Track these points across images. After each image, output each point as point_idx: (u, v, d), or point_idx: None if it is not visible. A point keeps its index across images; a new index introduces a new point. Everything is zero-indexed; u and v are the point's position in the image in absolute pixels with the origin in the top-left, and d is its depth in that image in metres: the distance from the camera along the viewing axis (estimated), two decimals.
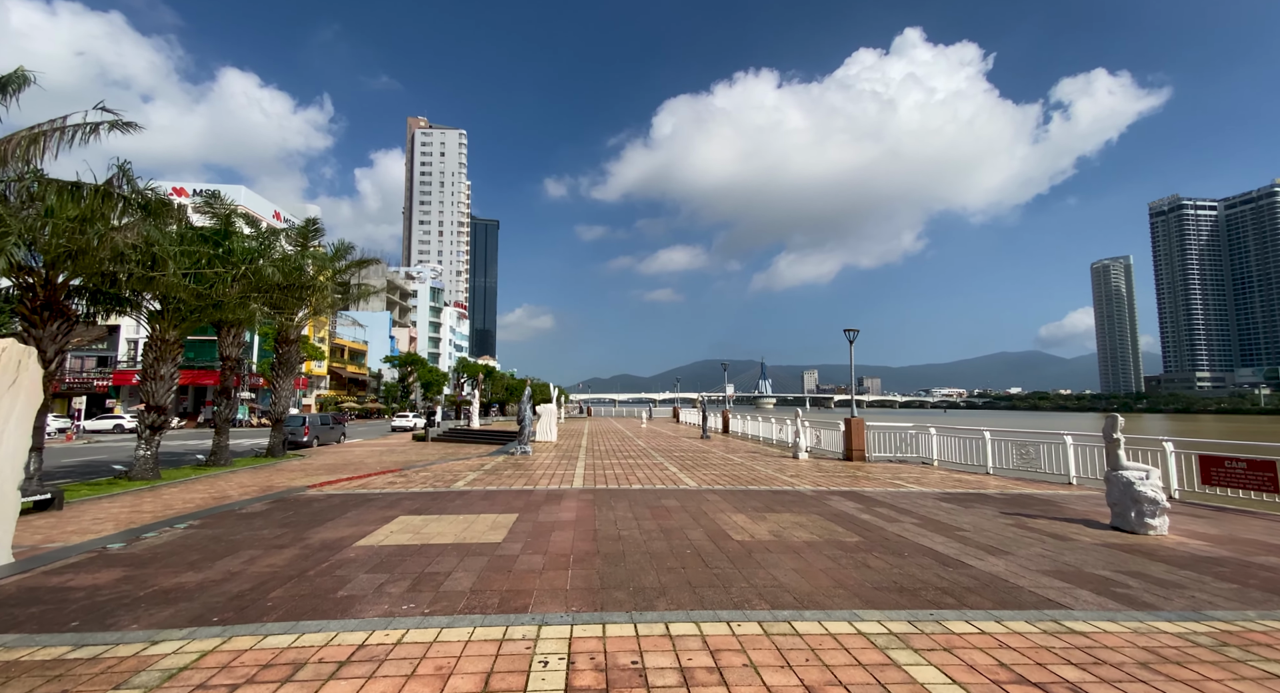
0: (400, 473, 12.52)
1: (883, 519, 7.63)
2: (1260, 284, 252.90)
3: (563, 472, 12.44)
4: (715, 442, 22.56)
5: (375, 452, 22.28)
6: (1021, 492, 10.42)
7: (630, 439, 23.59)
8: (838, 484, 10.88)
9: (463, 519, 7.39)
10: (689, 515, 7.75)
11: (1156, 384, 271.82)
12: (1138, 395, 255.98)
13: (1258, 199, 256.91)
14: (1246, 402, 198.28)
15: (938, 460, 14.73)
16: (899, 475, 12.48)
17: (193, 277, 16.66)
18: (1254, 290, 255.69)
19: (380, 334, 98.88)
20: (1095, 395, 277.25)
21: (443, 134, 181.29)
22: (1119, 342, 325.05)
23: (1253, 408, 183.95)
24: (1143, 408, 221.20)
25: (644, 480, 11.08)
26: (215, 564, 5.41)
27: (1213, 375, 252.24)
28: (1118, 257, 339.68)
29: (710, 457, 16.20)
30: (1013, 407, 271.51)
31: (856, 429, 15.42)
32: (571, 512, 7.95)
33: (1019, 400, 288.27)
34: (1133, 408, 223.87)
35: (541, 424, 21.07)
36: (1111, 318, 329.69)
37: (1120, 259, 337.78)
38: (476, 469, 12.96)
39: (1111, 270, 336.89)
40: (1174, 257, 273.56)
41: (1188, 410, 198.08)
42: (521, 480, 11.00)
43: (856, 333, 15.82)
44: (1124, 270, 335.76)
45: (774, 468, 13.56)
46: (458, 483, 10.70)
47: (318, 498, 9.17)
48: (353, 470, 14.12)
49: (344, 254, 24.26)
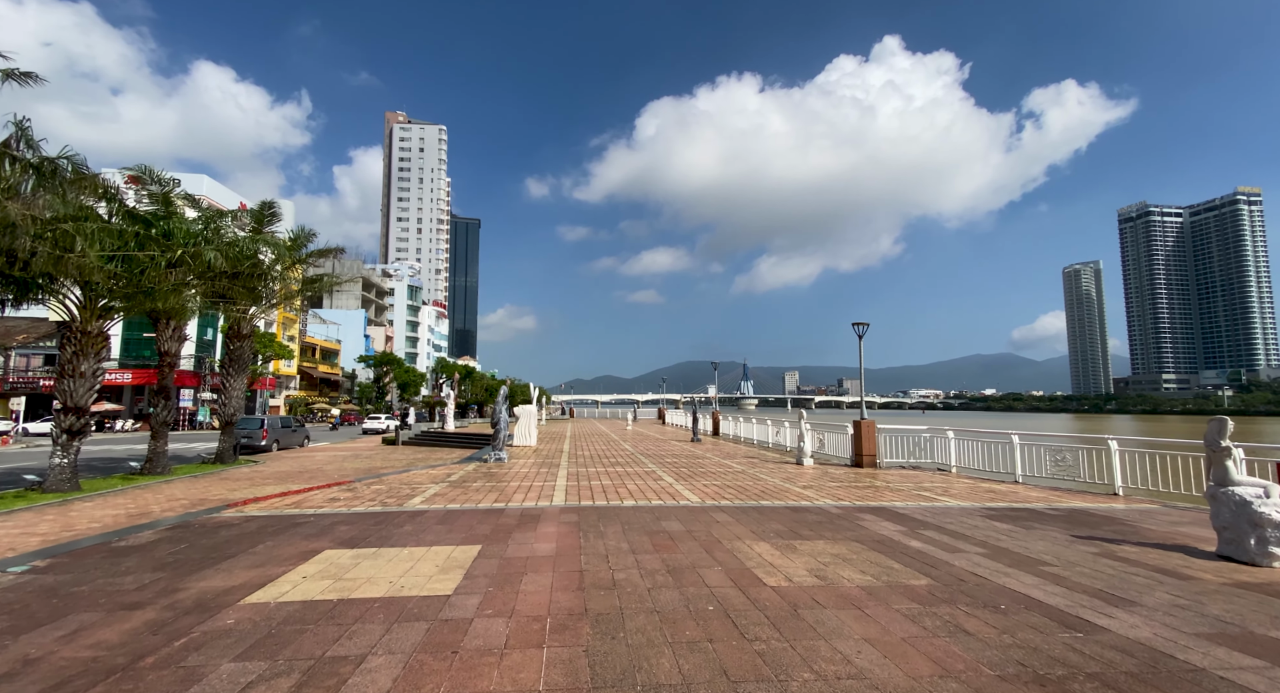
0: (349, 486, 10.67)
1: (940, 548, 6.12)
2: (1223, 289, 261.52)
3: (542, 484, 10.74)
4: (707, 445, 21.03)
5: (337, 457, 20.27)
6: (1073, 506, 9.04)
7: (616, 443, 21.92)
8: (861, 497, 9.38)
9: (407, 555, 5.66)
10: (699, 546, 6.14)
11: (1125, 386, 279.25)
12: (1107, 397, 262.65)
13: (1221, 207, 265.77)
14: (1211, 403, 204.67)
15: (956, 467, 13.38)
16: (922, 485, 11.05)
17: (120, 259, 14.58)
18: (1217, 295, 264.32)
19: (354, 333, 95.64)
20: (1067, 397, 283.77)
21: (422, 129, 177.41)
22: (1089, 344, 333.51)
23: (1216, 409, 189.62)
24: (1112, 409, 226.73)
25: (637, 494, 9.46)
26: (15, 642, 3.63)
27: (1178, 377, 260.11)
28: (1088, 261, 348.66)
29: (706, 463, 14.64)
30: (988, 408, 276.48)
31: (867, 433, 14.00)
32: (550, 541, 6.28)
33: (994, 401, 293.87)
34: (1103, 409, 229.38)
35: (520, 427, 19.29)
36: (1082, 321, 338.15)
37: (1090, 264, 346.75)
38: (441, 480, 11.18)
39: (1082, 275, 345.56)
40: (1141, 262, 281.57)
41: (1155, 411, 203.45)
42: (492, 496, 9.27)
43: (866, 327, 14.42)
44: (1094, 275, 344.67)
45: (780, 477, 12.03)
46: (414, 499, 8.93)
47: (231, 522, 7.32)
48: (305, 480, 12.23)
49: (305, 242, 22.12)
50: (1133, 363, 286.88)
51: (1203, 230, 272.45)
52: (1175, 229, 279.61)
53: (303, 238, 21.94)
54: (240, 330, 20.95)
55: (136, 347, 52.49)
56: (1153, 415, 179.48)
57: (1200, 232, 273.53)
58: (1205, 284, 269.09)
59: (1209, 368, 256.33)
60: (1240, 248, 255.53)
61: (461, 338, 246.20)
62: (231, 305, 19.85)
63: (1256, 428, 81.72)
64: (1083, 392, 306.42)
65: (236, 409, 20.51)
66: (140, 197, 17.09)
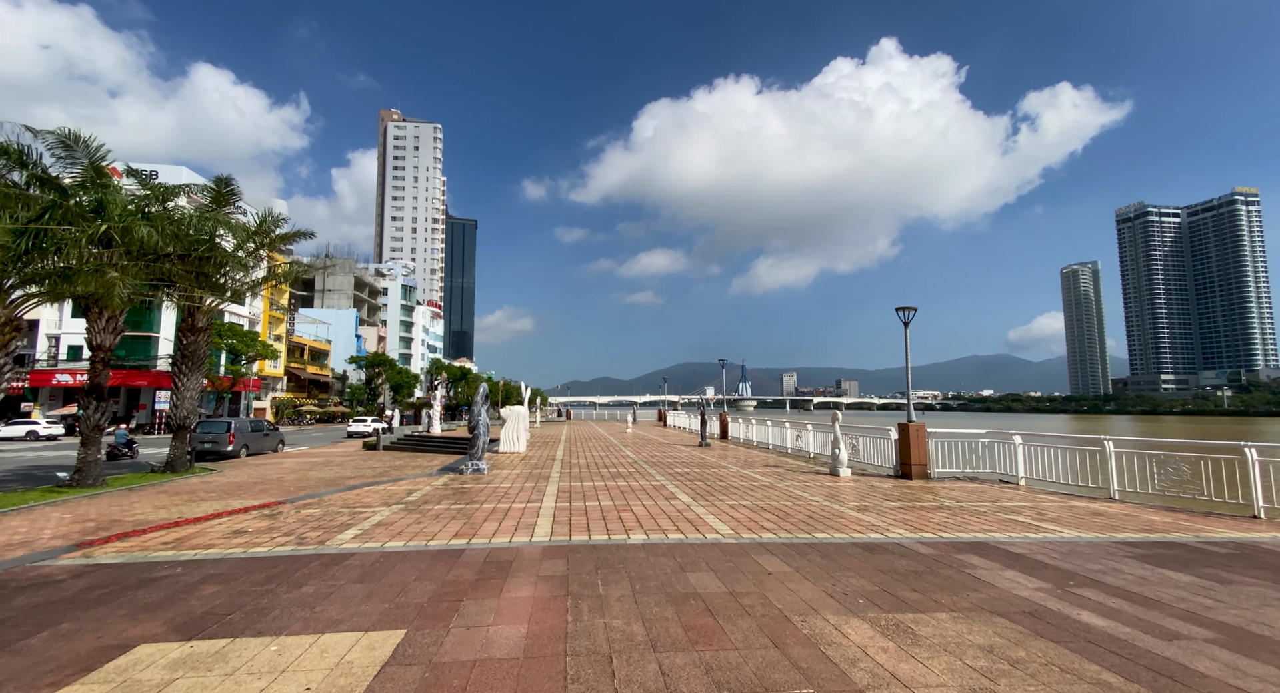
0: (273, 511, 8.28)
1: (1138, 627, 3.82)
2: (1221, 289, 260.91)
3: (523, 505, 8.40)
4: (717, 451, 18.72)
5: (307, 465, 17.98)
6: (1228, 537, 6.76)
7: (616, 448, 19.58)
8: (941, 526, 7.08)
9: (268, 661, 3.31)
10: (757, 628, 3.82)
11: (1124, 386, 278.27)
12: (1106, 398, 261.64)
13: (1218, 207, 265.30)
14: (1210, 403, 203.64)
15: (1024, 479, 11.12)
16: (1002, 505, 8.76)
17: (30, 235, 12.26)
18: (1215, 295, 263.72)
19: (346, 333, 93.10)
20: (1066, 397, 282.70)
21: (416, 127, 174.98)
22: (1087, 345, 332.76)
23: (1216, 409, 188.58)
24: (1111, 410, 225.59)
25: (647, 522, 7.15)
26: None
27: (1176, 378, 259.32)
28: (1086, 262, 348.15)
29: (724, 474, 12.30)
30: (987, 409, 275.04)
31: (916, 438, 11.71)
32: (518, 620, 3.95)
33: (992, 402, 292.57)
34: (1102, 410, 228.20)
35: (507, 431, 16.94)
36: (1080, 321, 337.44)
37: (1088, 264, 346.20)
38: (397, 501, 8.82)
39: (1080, 275, 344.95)
40: (1140, 262, 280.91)
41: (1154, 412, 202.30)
42: (454, 526, 6.93)
43: (914, 312, 12.14)
44: (1092, 275, 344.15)
45: (821, 494, 9.69)
46: (347, 532, 6.59)
47: (53, 577, 4.96)
48: (254, 494, 9.96)
49: (272, 227, 19.74)
50: (1131, 363, 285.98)
51: (1201, 231, 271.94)
52: (1173, 229, 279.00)
53: (270, 222, 19.59)
54: (195, 323, 18.56)
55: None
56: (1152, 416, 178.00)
57: (1198, 232, 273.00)
58: (1204, 284, 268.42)
59: (1208, 368, 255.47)
60: (1238, 248, 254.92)
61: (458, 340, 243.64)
62: (181, 293, 17.49)
63: (1258, 428, 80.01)
64: (1081, 392, 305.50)
65: (190, 412, 18.14)
66: (65, 165, 14.62)
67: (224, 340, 50.73)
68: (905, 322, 12.23)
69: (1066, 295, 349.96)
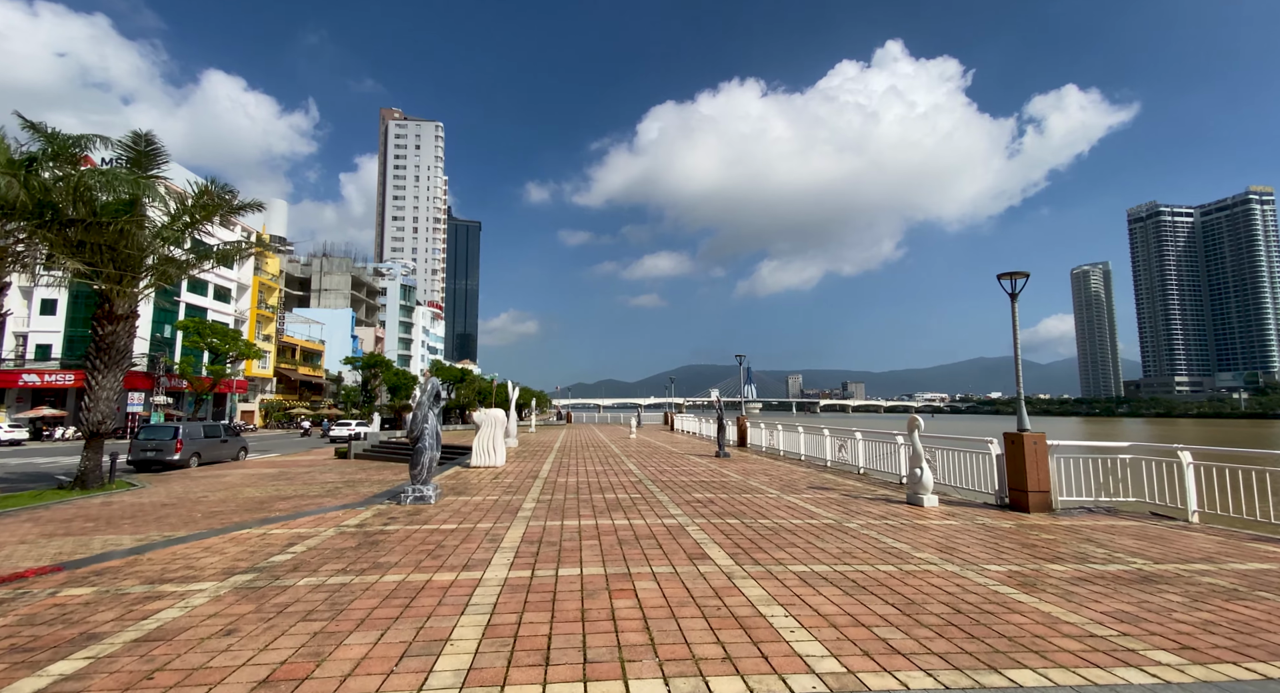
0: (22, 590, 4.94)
1: None
2: (1236, 289, 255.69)
3: (453, 576, 5.00)
4: (738, 462, 15.34)
5: (253, 478, 14.87)
6: None
7: (616, 460, 16.22)
8: (1187, 626, 3.71)
9: None
10: None
11: (1136, 388, 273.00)
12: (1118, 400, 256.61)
13: (1233, 206, 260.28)
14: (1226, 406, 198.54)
15: (1196, 513, 7.73)
16: (1230, 566, 5.39)
17: None
18: (1230, 296, 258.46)
19: (341, 333, 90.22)
20: (1077, 400, 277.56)
21: (418, 125, 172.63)
22: (1098, 346, 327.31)
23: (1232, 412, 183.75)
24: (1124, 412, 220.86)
25: (662, 628, 3.77)
26: None
27: (1191, 380, 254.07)
28: (1097, 262, 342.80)
29: (763, 503, 8.89)
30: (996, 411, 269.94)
31: (1035, 455, 8.34)
32: None
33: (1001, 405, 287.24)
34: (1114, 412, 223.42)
35: (480, 441, 13.62)
36: (1091, 323, 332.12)
37: (1099, 265, 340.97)
38: (260, 562, 5.43)
39: (1091, 276, 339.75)
40: (1152, 262, 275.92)
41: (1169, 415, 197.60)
42: (283, 648, 3.62)
43: (1024, 280, 8.78)
44: (1103, 276, 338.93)
45: (931, 548, 6.15)
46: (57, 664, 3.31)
47: None
48: (152, 525, 6.64)
49: (216, 198, 16.53)
50: (1144, 365, 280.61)
51: (1214, 230, 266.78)
52: (1186, 229, 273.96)
53: (211, 193, 16.38)
54: (113, 310, 15.27)
55: (82, 345, 46.89)
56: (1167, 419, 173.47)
57: (1212, 232, 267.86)
58: (1218, 285, 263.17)
59: (1223, 370, 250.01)
60: (1253, 248, 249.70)
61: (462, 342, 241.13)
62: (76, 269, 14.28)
63: (1276, 432, 75.73)
64: (1092, 395, 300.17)
65: (107, 416, 14.92)
66: None
67: (204, 339, 47.72)
68: (1012, 292, 8.86)
69: (1077, 297, 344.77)
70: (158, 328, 50.07)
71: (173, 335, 50.63)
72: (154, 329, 49.69)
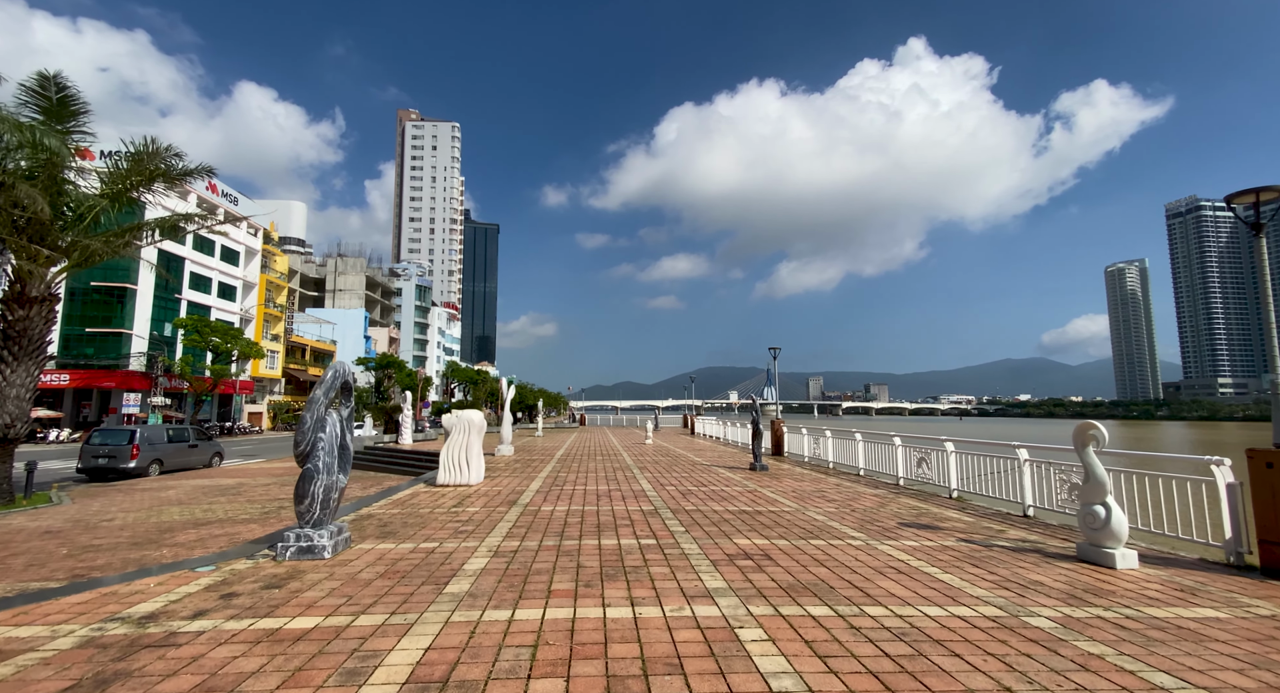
0: None
1: None
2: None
3: None
4: (780, 478, 12.04)
5: (200, 491, 12.14)
6: None
7: (627, 473, 13.04)
8: None
9: None
10: None
11: (1176, 391, 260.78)
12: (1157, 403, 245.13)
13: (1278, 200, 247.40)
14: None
15: None
16: None
17: None
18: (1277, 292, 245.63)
19: (354, 333, 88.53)
20: (1113, 402, 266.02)
21: (434, 126, 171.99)
22: (1135, 346, 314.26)
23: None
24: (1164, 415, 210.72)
25: None
26: None
27: (1235, 381, 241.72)
28: (1133, 260, 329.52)
29: (851, 562, 5.61)
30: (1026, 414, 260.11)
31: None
32: None
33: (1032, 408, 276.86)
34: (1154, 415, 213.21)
35: (449, 452, 10.51)
36: (1127, 322, 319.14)
37: (1135, 262, 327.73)
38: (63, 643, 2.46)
39: (1126, 274, 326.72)
40: (1193, 259, 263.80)
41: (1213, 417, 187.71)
42: None
43: (1277, 197, 5.42)
44: (1139, 274, 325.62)
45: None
46: None
47: None
48: None
49: (156, 161, 13.74)
50: (1184, 366, 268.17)
51: None
52: (1228, 224, 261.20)
53: (148, 154, 13.54)
54: (25, 292, 12.46)
55: (78, 343, 45.28)
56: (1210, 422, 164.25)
57: None
58: None
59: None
60: None
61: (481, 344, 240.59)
62: None
63: None
64: (1129, 397, 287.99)
65: (16, 415, 12.12)
66: None
67: (205, 338, 45.80)
68: (1257, 222, 5.49)
69: (1112, 295, 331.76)
70: (157, 326, 48.28)
71: (173, 334, 48.79)
72: (152, 327, 47.92)
